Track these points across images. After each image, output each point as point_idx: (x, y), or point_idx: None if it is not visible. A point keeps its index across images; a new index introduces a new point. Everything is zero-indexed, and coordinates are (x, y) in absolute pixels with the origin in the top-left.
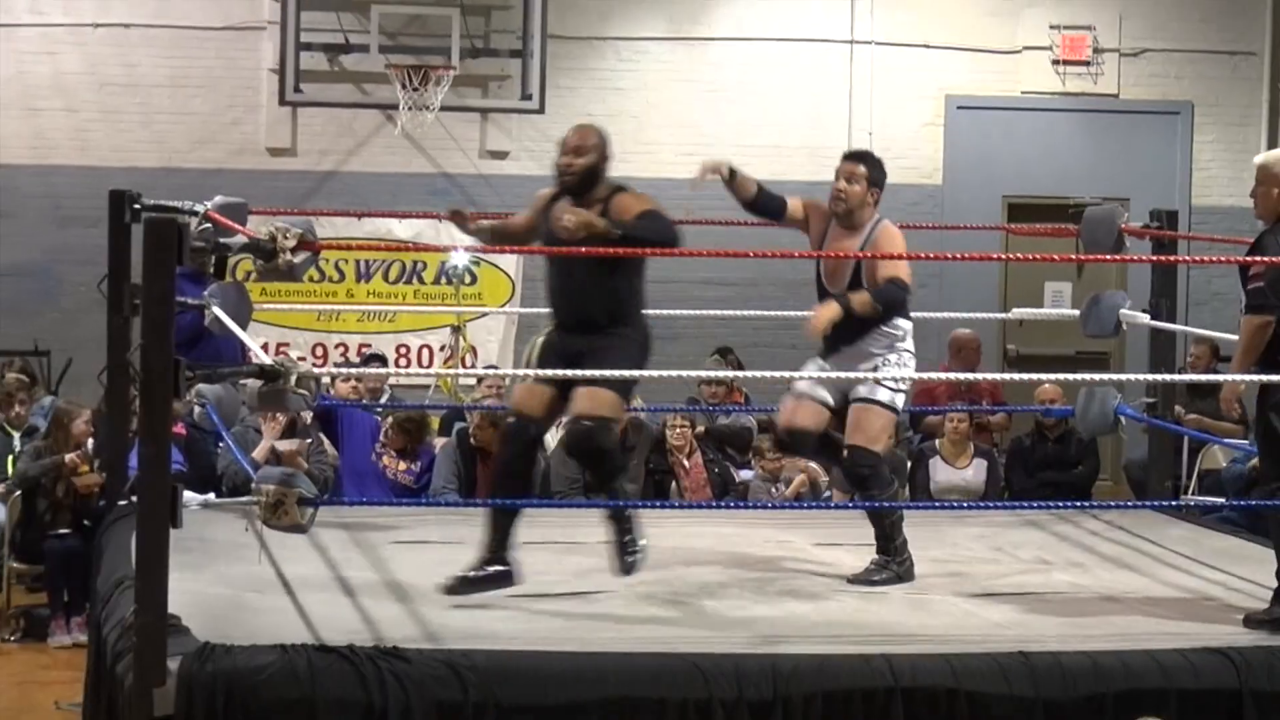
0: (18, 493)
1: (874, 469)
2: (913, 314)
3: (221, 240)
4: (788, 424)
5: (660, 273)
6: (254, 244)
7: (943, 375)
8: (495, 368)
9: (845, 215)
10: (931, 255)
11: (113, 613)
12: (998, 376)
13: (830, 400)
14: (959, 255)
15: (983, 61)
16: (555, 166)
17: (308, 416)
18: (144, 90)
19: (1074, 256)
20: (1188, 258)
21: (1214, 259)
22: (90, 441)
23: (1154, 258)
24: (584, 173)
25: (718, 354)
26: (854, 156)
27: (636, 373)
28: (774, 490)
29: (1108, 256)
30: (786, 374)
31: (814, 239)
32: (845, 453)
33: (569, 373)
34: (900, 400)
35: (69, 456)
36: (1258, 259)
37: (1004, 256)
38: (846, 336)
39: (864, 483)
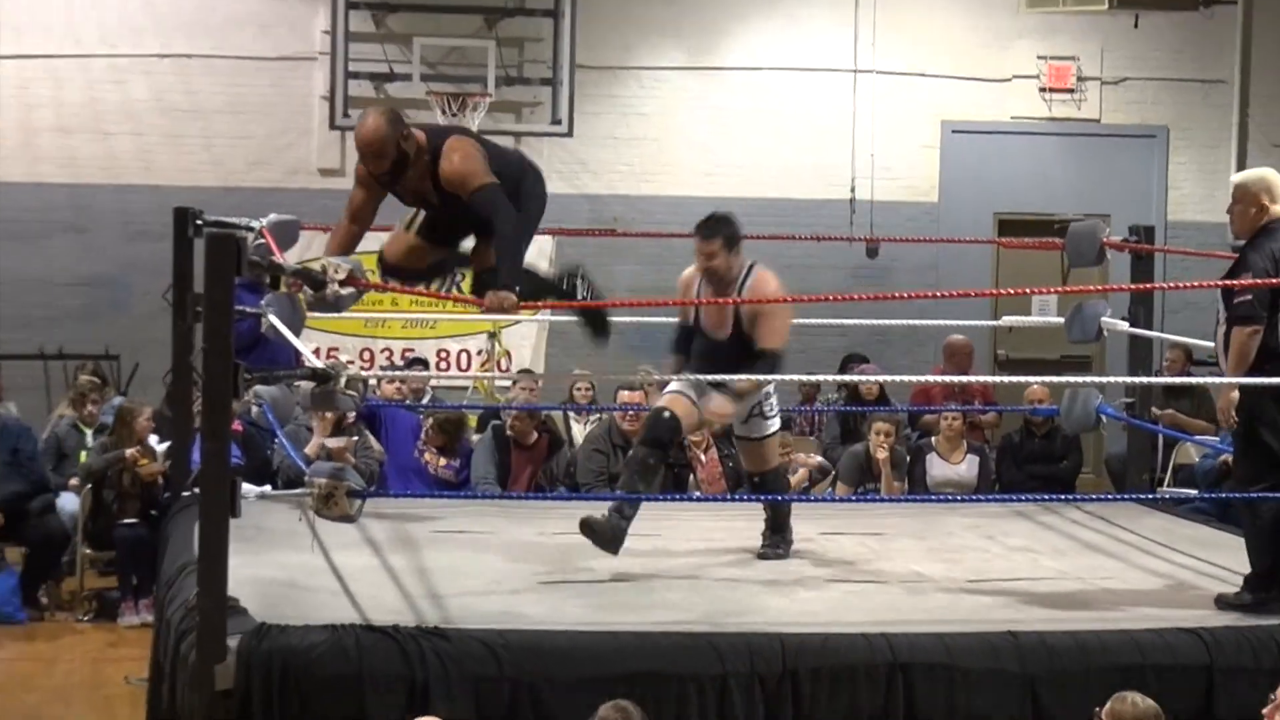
0: (88, 485)
1: (780, 481)
2: (910, 320)
3: (274, 260)
4: (673, 411)
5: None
6: (305, 273)
7: (938, 378)
8: (530, 371)
9: (718, 281)
10: (927, 240)
11: (177, 595)
12: (989, 379)
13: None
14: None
15: (975, 89)
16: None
17: (351, 416)
18: (205, 116)
19: (1060, 272)
20: (1165, 284)
21: (1190, 285)
22: (154, 437)
23: (1133, 286)
24: (395, 168)
25: None
26: (706, 233)
27: (665, 377)
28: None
29: (1093, 273)
30: (794, 377)
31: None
32: (757, 479)
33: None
34: (778, 422)
35: (130, 451)
36: (1241, 282)
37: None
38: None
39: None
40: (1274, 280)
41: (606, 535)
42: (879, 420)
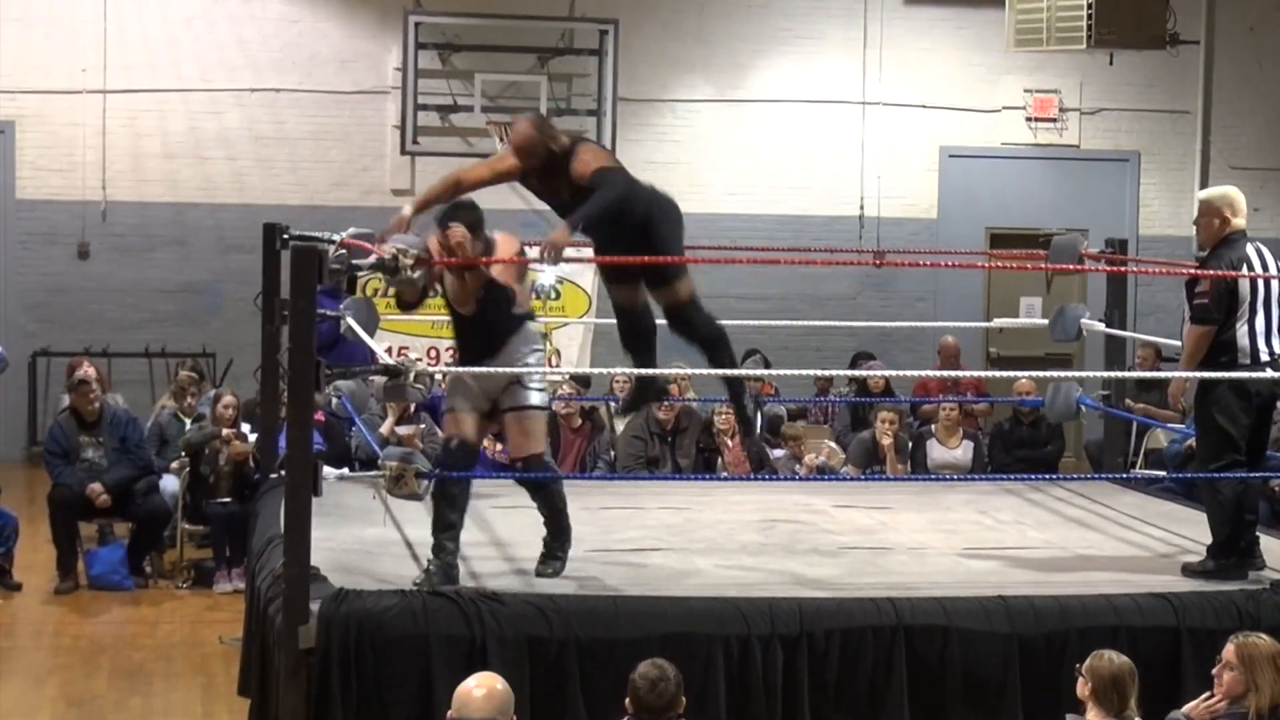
0: (187, 465)
1: (545, 467)
2: (912, 323)
3: (354, 262)
4: (460, 436)
5: (708, 289)
6: (380, 262)
7: (936, 373)
8: (580, 376)
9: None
10: (929, 263)
11: (266, 565)
12: (982, 374)
13: (482, 406)
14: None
15: (969, 118)
16: None
17: (412, 407)
18: (291, 143)
19: (1043, 266)
20: (1135, 269)
21: (1156, 271)
22: (245, 425)
23: (1108, 268)
24: (543, 168)
25: (756, 355)
26: (447, 220)
27: (695, 371)
28: (796, 468)
29: (1070, 267)
30: (811, 372)
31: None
32: (519, 465)
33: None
34: (545, 398)
35: (226, 430)
36: (1200, 272)
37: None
38: (489, 346)
39: (539, 485)
40: (1229, 273)
41: (439, 580)
42: (884, 410)
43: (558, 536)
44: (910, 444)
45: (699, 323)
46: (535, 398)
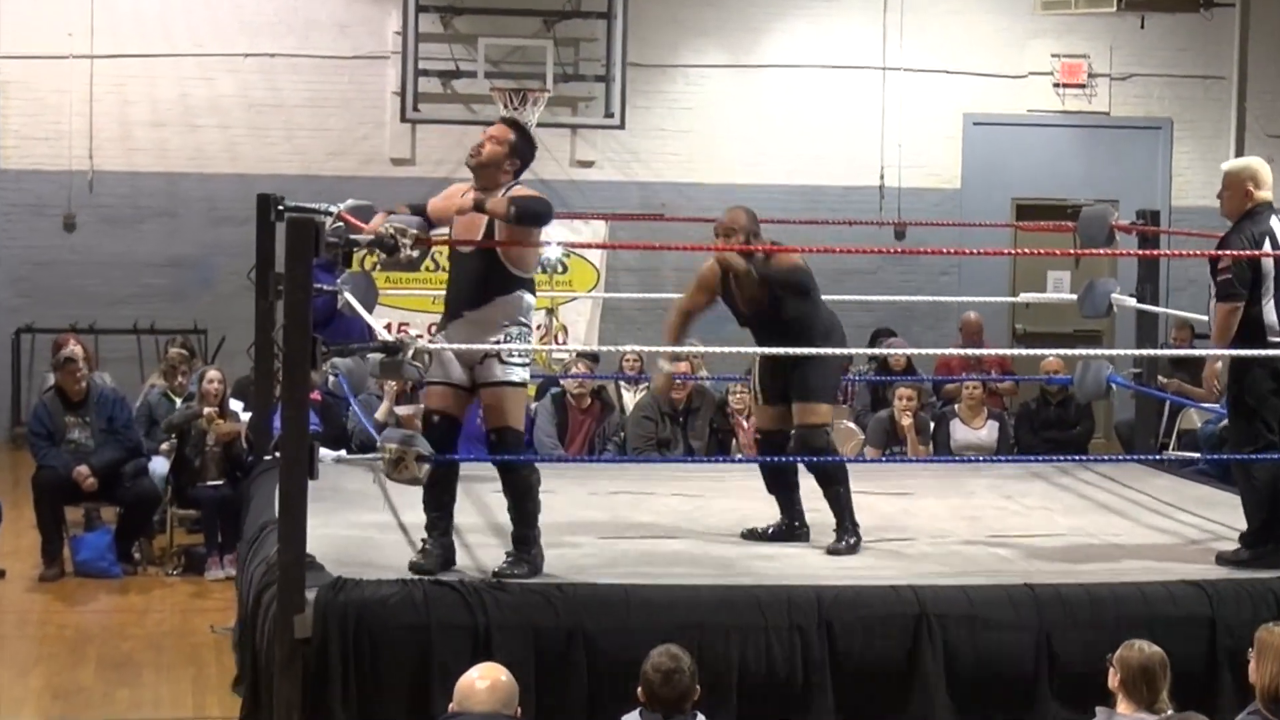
0: (173, 443)
1: (520, 444)
2: (934, 297)
3: (351, 237)
4: (440, 411)
5: None
6: (379, 240)
7: (958, 351)
8: (588, 352)
9: (480, 172)
10: (952, 251)
11: (259, 551)
12: (1008, 352)
13: (462, 379)
14: (976, 251)
15: (994, 85)
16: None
17: (409, 385)
18: (287, 110)
19: (1073, 252)
20: (1168, 252)
21: (1189, 253)
22: (238, 404)
23: (1141, 252)
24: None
25: None
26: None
27: (708, 350)
28: None
29: (1102, 251)
30: (825, 351)
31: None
32: (493, 437)
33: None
34: (526, 374)
35: (207, 410)
36: (1223, 253)
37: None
38: (475, 297)
39: (510, 467)
40: (1253, 253)
41: (437, 557)
42: (902, 388)
43: (524, 531)
44: (932, 425)
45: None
46: (515, 374)
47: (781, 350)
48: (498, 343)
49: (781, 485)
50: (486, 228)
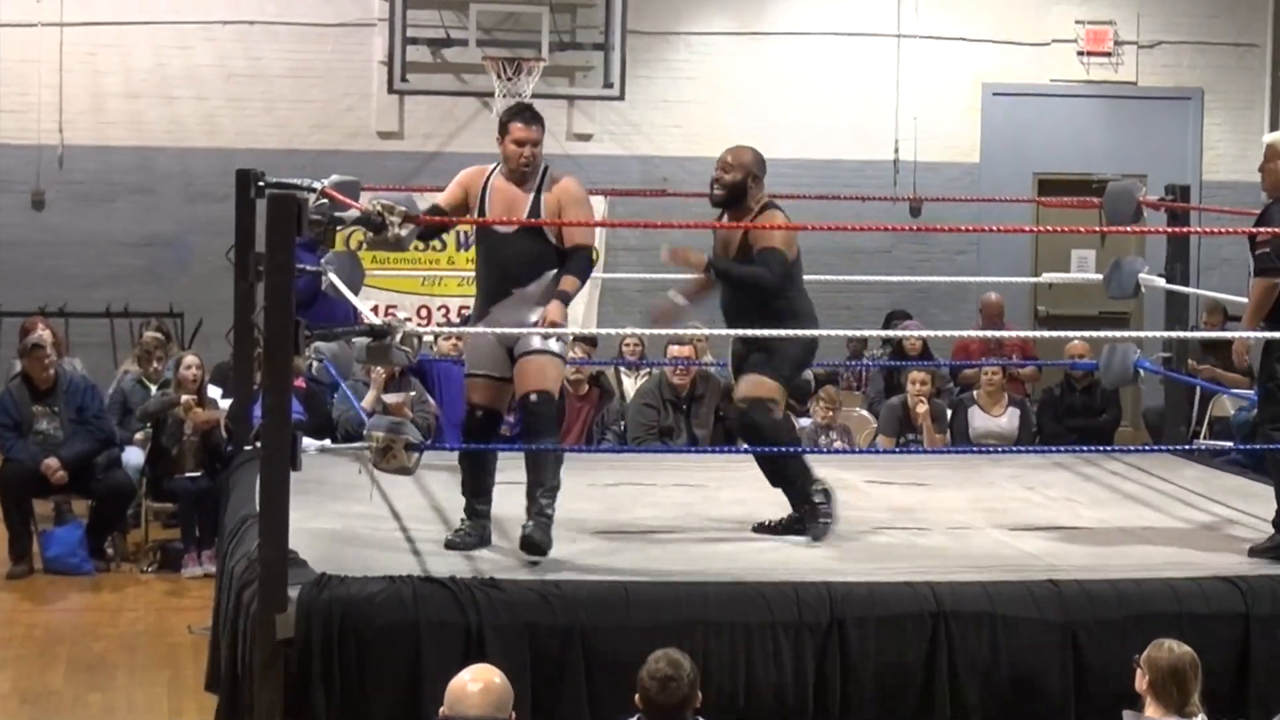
0: (148, 432)
1: (552, 411)
2: (952, 277)
3: (336, 214)
4: (483, 405)
5: None
6: (365, 218)
7: (977, 334)
8: (588, 336)
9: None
10: (970, 228)
11: (239, 546)
12: (1030, 334)
13: (505, 369)
14: (995, 228)
15: (1015, 53)
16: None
17: (398, 370)
18: (267, 80)
19: (1098, 229)
20: (1199, 229)
21: (1222, 230)
22: (216, 391)
23: (1170, 229)
24: (731, 186)
25: None
26: (532, 118)
27: (713, 331)
28: (824, 439)
29: (1128, 229)
30: (839, 333)
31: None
32: (534, 397)
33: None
34: (564, 347)
35: (185, 397)
36: (1264, 230)
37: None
38: (525, 272)
39: (543, 423)
40: None
41: (474, 541)
42: (916, 372)
43: (547, 493)
44: (950, 412)
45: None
46: (554, 344)
47: (779, 333)
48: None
49: (779, 477)
50: (531, 207)
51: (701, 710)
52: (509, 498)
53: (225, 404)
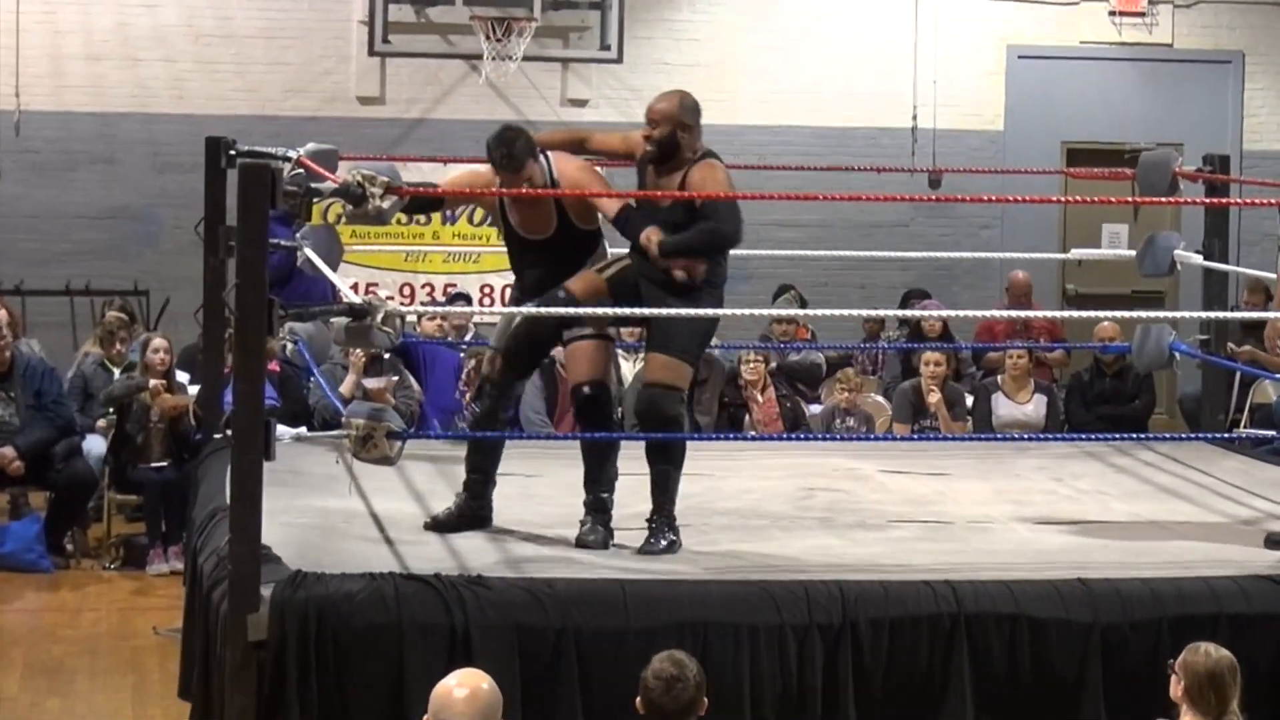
0: (114, 421)
1: (609, 397)
2: (974, 254)
3: (313, 185)
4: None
5: None
6: (344, 189)
7: (1002, 314)
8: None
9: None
10: (993, 198)
11: (208, 542)
12: (1057, 315)
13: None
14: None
15: (1042, 12)
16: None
17: (386, 354)
18: (239, 41)
19: (1130, 200)
20: (1239, 200)
21: (1264, 202)
22: (184, 375)
23: (1207, 200)
24: (661, 142)
25: (790, 293)
26: (511, 166)
27: (719, 312)
28: (839, 423)
29: (1163, 201)
30: (855, 312)
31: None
32: (586, 388)
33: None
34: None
35: (154, 382)
36: None
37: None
38: (568, 268)
39: (600, 412)
40: None
41: (452, 522)
42: (930, 354)
43: (604, 489)
44: (972, 398)
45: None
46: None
47: (824, 312)
48: None
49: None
50: (557, 215)
51: (705, 718)
52: (502, 487)
53: (194, 389)
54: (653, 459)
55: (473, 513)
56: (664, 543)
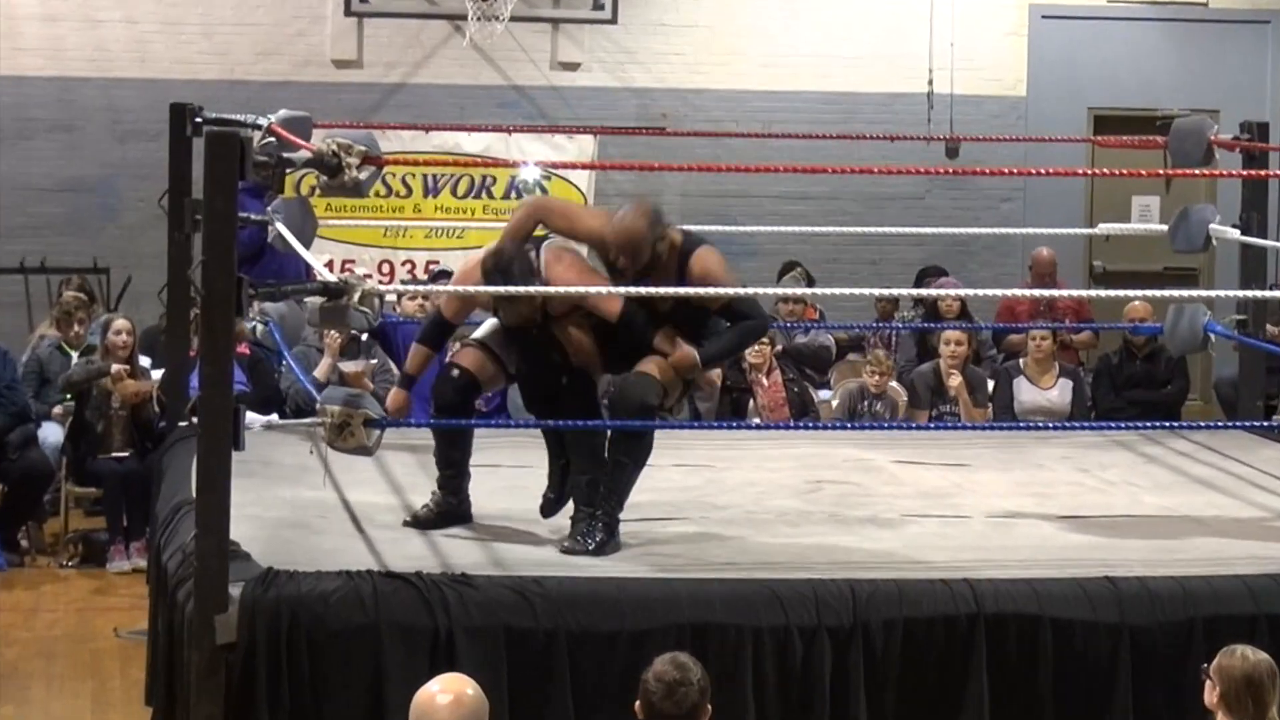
0: (71, 406)
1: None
2: (995, 229)
3: (285, 155)
4: (465, 368)
5: (738, 187)
6: (318, 159)
7: (1025, 292)
8: None
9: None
10: (1015, 171)
11: (173, 538)
12: (1083, 294)
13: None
14: (1044, 171)
15: None
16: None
17: (364, 336)
18: (206, 1)
19: (1162, 171)
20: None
21: None
22: (145, 360)
23: (1245, 173)
24: (642, 265)
25: (796, 270)
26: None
27: (722, 291)
28: (867, 406)
29: (1197, 172)
30: (866, 290)
31: None
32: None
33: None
34: None
35: (116, 366)
36: None
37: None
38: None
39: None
40: None
41: (432, 520)
42: (949, 333)
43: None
44: (992, 383)
45: None
46: None
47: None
48: None
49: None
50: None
51: None
52: (485, 481)
53: (157, 374)
54: (612, 448)
55: (451, 509)
56: (592, 543)
